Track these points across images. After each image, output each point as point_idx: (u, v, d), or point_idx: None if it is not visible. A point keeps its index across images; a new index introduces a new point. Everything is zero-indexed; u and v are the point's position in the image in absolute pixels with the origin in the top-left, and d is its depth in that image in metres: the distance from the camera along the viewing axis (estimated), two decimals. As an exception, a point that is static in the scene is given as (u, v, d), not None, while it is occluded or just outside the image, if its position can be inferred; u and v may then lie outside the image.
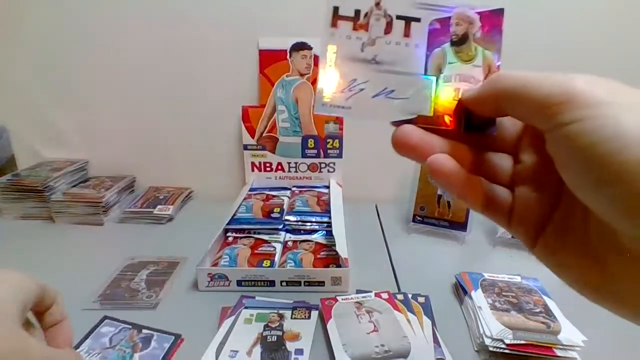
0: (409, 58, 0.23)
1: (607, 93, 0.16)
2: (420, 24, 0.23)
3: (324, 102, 0.23)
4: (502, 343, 0.41)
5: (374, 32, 0.23)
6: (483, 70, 0.23)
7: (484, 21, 0.24)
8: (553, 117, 0.17)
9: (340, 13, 0.24)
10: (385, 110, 0.23)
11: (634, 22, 0.76)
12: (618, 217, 0.16)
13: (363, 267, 0.58)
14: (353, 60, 0.23)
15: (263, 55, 0.78)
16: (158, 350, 0.43)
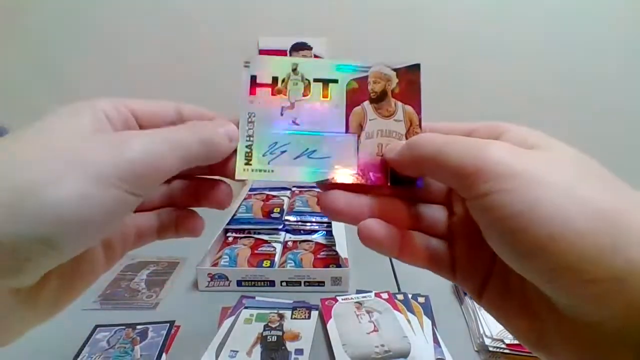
0: (329, 118, 0.24)
1: (520, 162, 0.16)
2: (338, 85, 0.24)
3: (245, 168, 0.23)
4: (502, 343, 0.41)
5: (293, 96, 0.24)
6: (405, 124, 0.24)
7: (401, 77, 0.24)
8: (467, 188, 0.17)
9: (258, 81, 0.24)
10: (309, 170, 0.23)
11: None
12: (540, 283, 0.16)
13: (363, 267, 0.58)
14: (273, 124, 0.23)
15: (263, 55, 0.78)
16: (157, 338, 0.44)
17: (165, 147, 0.19)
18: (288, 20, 0.77)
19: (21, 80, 0.79)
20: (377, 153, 0.23)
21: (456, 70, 0.81)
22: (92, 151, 0.17)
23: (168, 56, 0.78)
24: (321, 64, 0.24)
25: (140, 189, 0.18)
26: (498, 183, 0.16)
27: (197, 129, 0.21)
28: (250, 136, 0.23)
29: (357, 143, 0.23)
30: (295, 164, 0.23)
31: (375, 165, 0.23)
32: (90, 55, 0.78)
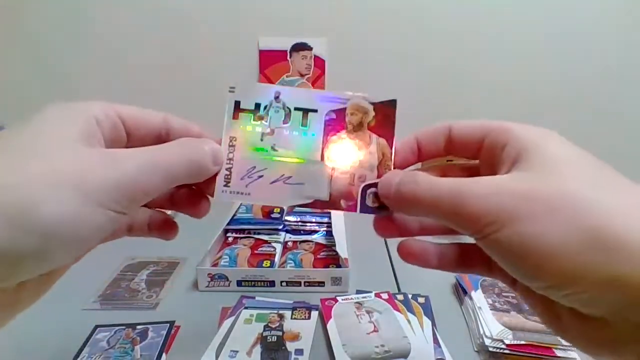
0: (306, 146, 0.25)
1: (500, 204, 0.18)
2: (317, 114, 0.25)
3: (223, 189, 0.24)
4: (502, 343, 0.41)
5: (273, 123, 0.25)
6: (377, 156, 0.25)
7: (378, 111, 0.25)
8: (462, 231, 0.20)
9: (242, 106, 0.25)
10: (283, 195, 0.24)
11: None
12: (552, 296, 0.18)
13: (363, 267, 0.58)
14: (252, 149, 0.25)
15: (263, 56, 0.78)
16: (157, 338, 0.44)
17: (154, 170, 0.20)
18: (288, 20, 0.77)
19: (21, 80, 0.79)
20: (349, 182, 0.25)
21: (456, 70, 0.81)
22: (86, 170, 0.18)
23: (168, 56, 0.78)
24: (303, 94, 0.26)
25: (128, 209, 0.19)
26: (483, 231, 0.18)
27: (185, 149, 0.22)
28: (230, 159, 0.24)
29: (331, 172, 0.25)
30: (271, 189, 0.24)
31: (347, 193, 0.24)
32: (90, 55, 0.78)
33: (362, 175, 0.25)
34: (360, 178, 0.25)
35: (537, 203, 0.17)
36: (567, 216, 0.17)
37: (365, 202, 0.24)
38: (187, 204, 0.25)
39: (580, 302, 0.17)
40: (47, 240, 0.16)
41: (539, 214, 0.17)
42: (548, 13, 0.76)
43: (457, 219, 0.19)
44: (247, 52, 0.78)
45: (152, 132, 0.23)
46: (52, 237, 0.16)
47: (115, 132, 0.22)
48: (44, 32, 0.77)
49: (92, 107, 0.20)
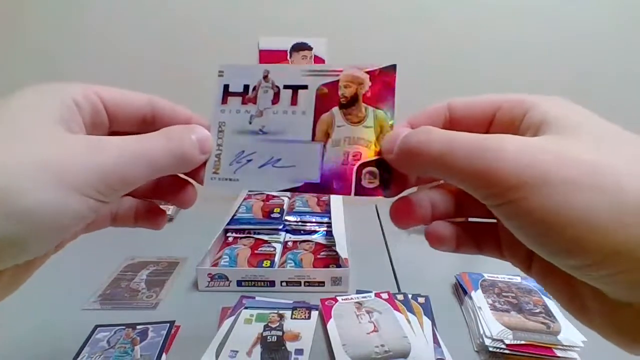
0: (296, 126, 0.23)
1: (528, 165, 0.16)
2: (307, 91, 0.24)
3: (212, 176, 0.23)
4: (502, 343, 0.41)
5: (262, 104, 0.24)
6: (375, 131, 0.22)
7: (375, 80, 0.23)
8: (481, 197, 0.17)
9: (231, 90, 0.24)
10: (272, 179, 0.23)
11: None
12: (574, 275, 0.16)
13: (363, 267, 0.58)
14: (241, 133, 0.23)
15: (263, 55, 0.78)
16: (157, 338, 0.44)
17: (137, 160, 0.19)
18: (288, 21, 0.77)
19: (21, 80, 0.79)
20: (342, 162, 0.22)
21: (457, 70, 0.81)
22: (67, 157, 0.17)
23: (168, 56, 0.78)
24: (292, 70, 0.24)
25: (108, 197, 0.18)
26: (508, 194, 0.16)
27: (170, 140, 0.20)
28: (219, 145, 0.23)
29: (323, 151, 0.23)
30: (260, 173, 0.23)
31: (340, 173, 0.22)
32: (90, 55, 0.78)
33: (356, 153, 0.22)
34: (355, 156, 0.22)
35: (582, 166, 0.15)
36: (614, 184, 0.14)
37: (361, 182, 0.22)
38: (171, 193, 0.24)
39: (613, 284, 0.15)
40: (25, 228, 0.16)
41: (585, 179, 0.14)
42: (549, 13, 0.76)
43: (476, 176, 0.16)
44: (247, 52, 0.78)
45: (135, 115, 0.22)
46: (30, 224, 0.16)
47: (96, 116, 0.21)
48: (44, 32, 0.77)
49: (70, 89, 0.20)
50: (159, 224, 0.25)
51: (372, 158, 0.22)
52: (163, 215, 0.25)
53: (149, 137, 0.20)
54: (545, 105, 0.18)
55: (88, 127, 0.20)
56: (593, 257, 0.15)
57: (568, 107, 0.18)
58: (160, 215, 0.25)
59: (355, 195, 0.22)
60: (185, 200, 0.24)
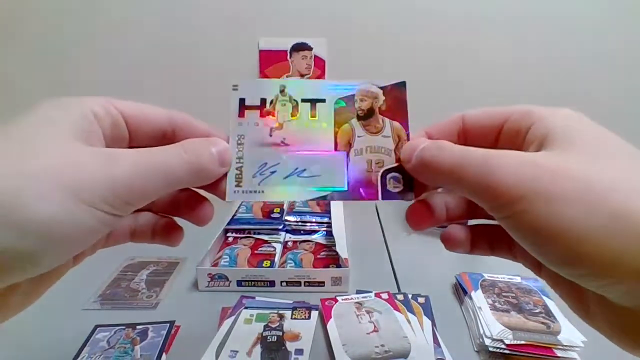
0: (318, 137, 0.24)
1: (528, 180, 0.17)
2: (325, 104, 0.25)
3: (235, 190, 0.23)
4: (502, 343, 0.41)
5: (282, 116, 0.24)
6: (393, 140, 0.24)
7: (388, 95, 0.25)
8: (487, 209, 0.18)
9: (247, 103, 0.24)
10: (299, 189, 0.23)
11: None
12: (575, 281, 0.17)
13: (363, 267, 0.58)
14: (262, 145, 0.24)
15: (263, 56, 0.78)
16: (157, 338, 0.44)
17: (152, 172, 0.18)
18: (288, 21, 0.77)
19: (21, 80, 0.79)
20: (366, 169, 0.24)
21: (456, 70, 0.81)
22: (79, 171, 0.17)
23: (168, 57, 0.78)
24: (309, 85, 0.25)
25: (122, 211, 0.18)
26: (510, 207, 0.17)
27: (188, 153, 0.20)
28: (240, 158, 0.23)
29: (347, 160, 0.24)
30: (285, 184, 0.23)
31: (366, 180, 0.24)
32: (91, 55, 0.78)
33: (379, 161, 0.24)
34: (378, 164, 0.24)
35: (574, 181, 0.16)
36: (605, 198, 0.15)
37: (387, 187, 0.23)
38: (188, 209, 0.24)
39: (614, 292, 0.16)
40: (36, 241, 0.15)
41: (576, 194, 0.15)
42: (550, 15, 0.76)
43: (482, 190, 0.18)
44: (247, 52, 0.78)
45: (156, 131, 0.22)
46: (40, 238, 0.15)
47: (116, 130, 0.20)
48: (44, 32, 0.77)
49: (90, 102, 0.19)
50: (176, 240, 0.25)
51: (394, 165, 0.24)
52: (180, 232, 0.25)
53: (166, 150, 0.20)
54: (551, 118, 0.19)
55: (108, 141, 0.20)
56: (588, 268, 0.16)
57: (574, 120, 0.19)
58: (177, 231, 0.25)
59: (382, 199, 0.23)
60: (202, 216, 0.23)
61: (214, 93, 0.80)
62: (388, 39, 0.78)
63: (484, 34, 0.78)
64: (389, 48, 0.79)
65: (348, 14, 0.77)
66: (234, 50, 0.78)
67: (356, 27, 0.78)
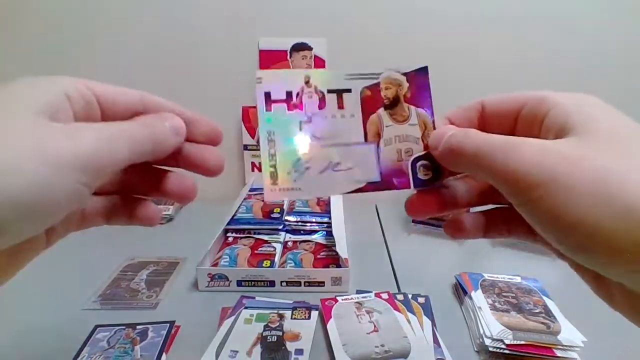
0: (347, 128, 0.24)
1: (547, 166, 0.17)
2: (352, 94, 0.24)
3: (272, 188, 0.23)
4: (502, 343, 0.41)
5: (309, 110, 0.24)
6: (420, 128, 0.24)
7: (411, 81, 0.25)
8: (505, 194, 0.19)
9: (273, 97, 0.24)
10: (335, 184, 0.23)
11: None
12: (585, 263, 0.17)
13: (363, 267, 0.58)
14: (293, 141, 0.23)
15: (263, 56, 0.78)
16: (157, 338, 0.44)
17: (114, 140, 0.19)
18: (288, 20, 0.77)
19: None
20: (397, 159, 0.24)
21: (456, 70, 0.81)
22: (50, 139, 0.17)
23: (168, 57, 0.78)
24: (332, 75, 0.24)
25: (91, 181, 0.18)
26: (528, 193, 0.17)
27: (148, 125, 0.21)
28: (273, 155, 0.23)
29: (377, 151, 0.24)
30: (322, 179, 0.23)
31: (397, 170, 0.24)
32: (90, 55, 0.78)
33: (408, 149, 0.24)
34: (407, 152, 0.24)
35: (587, 171, 0.16)
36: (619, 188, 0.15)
37: (417, 175, 0.24)
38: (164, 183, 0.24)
39: (630, 279, 0.16)
40: (8, 212, 0.15)
41: (587, 183, 0.16)
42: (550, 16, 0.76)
43: (503, 175, 0.18)
44: (247, 52, 0.78)
45: (128, 110, 0.22)
46: (13, 209, 0.15)
47: (88, 109, 0.21)
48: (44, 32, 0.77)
49: (62, 81, 0.20)
50: (152, 220, 0.25)
51: (423, 152, 0.24)
52: (154, 210, 0.25)
53: (126, 122, 0.21)
54: (568, 105, 0.19)
55: (79, 120, 0.20)
56: (602, 256, 0.16)
57: (589, 105, 0.19)
58: (151, 210, 0.25)
59: (414, 187, 0.23)
60: (185, 194, 0.24)
61: (214, 93, 0.80)
62: (388, 39, 0.78)
63: (484, 34, 0.78)
64: (389, 48, 0.79)
65: (348, 14, 0.77)
66: (234, 50, 0.78)
67: (356, 27, 0.78)
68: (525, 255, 0.63)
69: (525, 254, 0.63)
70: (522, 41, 0.79)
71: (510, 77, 0.81)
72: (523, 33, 0.78)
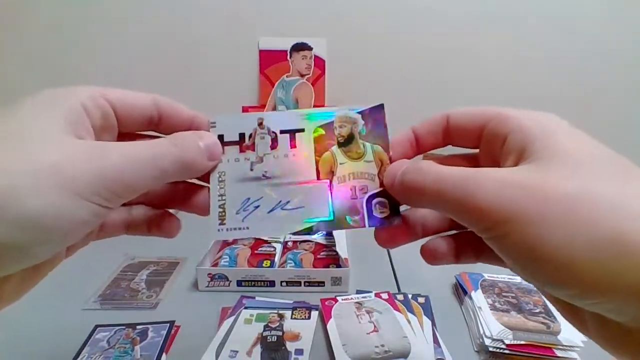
0: (299, 167, 0.24)
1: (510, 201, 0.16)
2: (305, 134, 0.24)
3: (219, 228, 0.23)
4: (502, 343, 0.41)
5: (261, 150, 0.24)
6: (376, 164, 0.24)
7: (367, 118, 0.24)
8: (470, 227, 0.19)
9: (226, 139, 0.24)
10: (284, 223, 0.23)
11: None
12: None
13: (363, 267, 0.58)
14: (243, 180, 0.23)
15: (263, 56, 0.78)
16: (157, 338, 0.44)
17: (141, 165, 0.19)
18: (288, 20, 0.77)
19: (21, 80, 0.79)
20: (350, 196, 0.23)
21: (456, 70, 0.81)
22: (69, 162, 0.17)
23: (168, 57, 0.78)
24: (286, 116, 0.25)
25: (112, 203, 0.18)
26: (495, 229, 0.17)
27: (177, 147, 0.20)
28: (222, 195, 0.23)
29: (330, 188, 0.24)
30: (270, 218, 0.23)
31: (351, 208, 0.23)
32: (90, 55, 0.78)
33: (363, 187, 0.23)
34: (362, 190, 0.23)
35: (553, 202, 0.15)
36: (589, 219, 0.15)
37: (373, 213, 0.23)
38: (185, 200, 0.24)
39: (604, 310, 0.16)
40: (27, 232, 0.16)
41: (556, 215, 0.15)
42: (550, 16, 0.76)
43: (464, 213, 0.18)
44: (247, 52, 0.78)
45: (143, 116, 0.22)
46: (31, 229, 0.16)
47: (105, 119, 0.21)
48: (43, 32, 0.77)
49: (79, 94, 0.20)
50: (172, 231, 0.25)
51: (379, 189, 0.23)
52: (175, 222, 0.25)
53: (155, 143, 0.20)
54: (528, 127, 0.18)
55: (97, 131, 0.20)
56: (576, 289, 0.15)
57: (552, 128, 0.18)
58: (173, 222, 0.25)
59: (369, 226, 0.23)
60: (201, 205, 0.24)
61: (214, 93, 0.80)
62: (388, 39, 0.78)
63: (484, 34, 0.78)
64: (389, 48, 0.79)
65: (348, 14, 0.77)
66: (234, 50, 0.78)
67: (356, 27, 0.78)
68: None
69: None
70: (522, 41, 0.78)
71: (510, 77, 0.81)
72: (523, 33, 0.78)
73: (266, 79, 0.79)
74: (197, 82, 0.79)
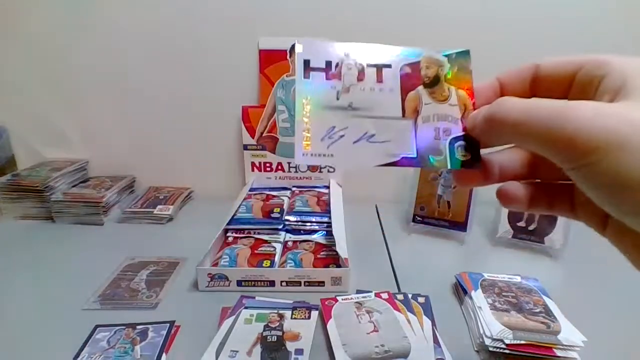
0: (385, 102, 0.24)
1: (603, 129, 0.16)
2: (391, 70, 0.24)
3: (304, 152, 0.22)
4: (502, 343, 0.41)
5: (347, 80, 0.24)
6: (460, 109, 0.24)
7: (452, 63, 0.25)
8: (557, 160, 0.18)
9: (312, 65, 0.24)
10: (369, 155, 0.23)
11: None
12: None
13: (363, 267, 0.58)
14: (329, 108, 0.23)
15: (263, 55, 0.78)
16: (157, 338, 0.44)
17: None
18: (288, 20, 0.77)
19: (21, 79, 0.79)
20: (434, 137, 0.23)
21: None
22: None
23: (168, 56, 0.78)
24: (374, 50, 0.25)
25: None
26: (585, 157, 0.17)
27: None
28: (307, 120, 0.23)
29: (414, 127, 0.24)
30: (355, 149, 0.23)
31: (434, 148, 0.23)
32: (90, 54, 0.78)
33: (446, 129, 0.23)
34: (445, 132, 0.23)
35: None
36: None
37: (455, 156, 0.23)
38: None
39: None
40: None
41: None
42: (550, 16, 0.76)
43: (554, 143, 0.17)
44: (247, 52, 0.78)
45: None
46: None
47: None
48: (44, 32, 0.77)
49: None
50: None
51: (462, 133, 0.23)
52: None
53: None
54: (626, 68, 0.19)
55: None
56: None
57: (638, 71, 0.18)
58: None
59: (450, 167, 0.23)
60: None
61: (214, 93, 0.80)
62: (388, 39, 0.78)
63: (484, 34, 0.78)
64: (389, 48, 0.79)
65: (348, 14, 0.77)
66: (234, 50, 0.78)
67: (356, 27, 0.78)
68: (525, 255, 0.63)
69: (525, 254, 0.63)
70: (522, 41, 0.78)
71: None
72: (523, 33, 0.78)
73: (266, 79, 0.79)
74: (197, 82, 0.79)
